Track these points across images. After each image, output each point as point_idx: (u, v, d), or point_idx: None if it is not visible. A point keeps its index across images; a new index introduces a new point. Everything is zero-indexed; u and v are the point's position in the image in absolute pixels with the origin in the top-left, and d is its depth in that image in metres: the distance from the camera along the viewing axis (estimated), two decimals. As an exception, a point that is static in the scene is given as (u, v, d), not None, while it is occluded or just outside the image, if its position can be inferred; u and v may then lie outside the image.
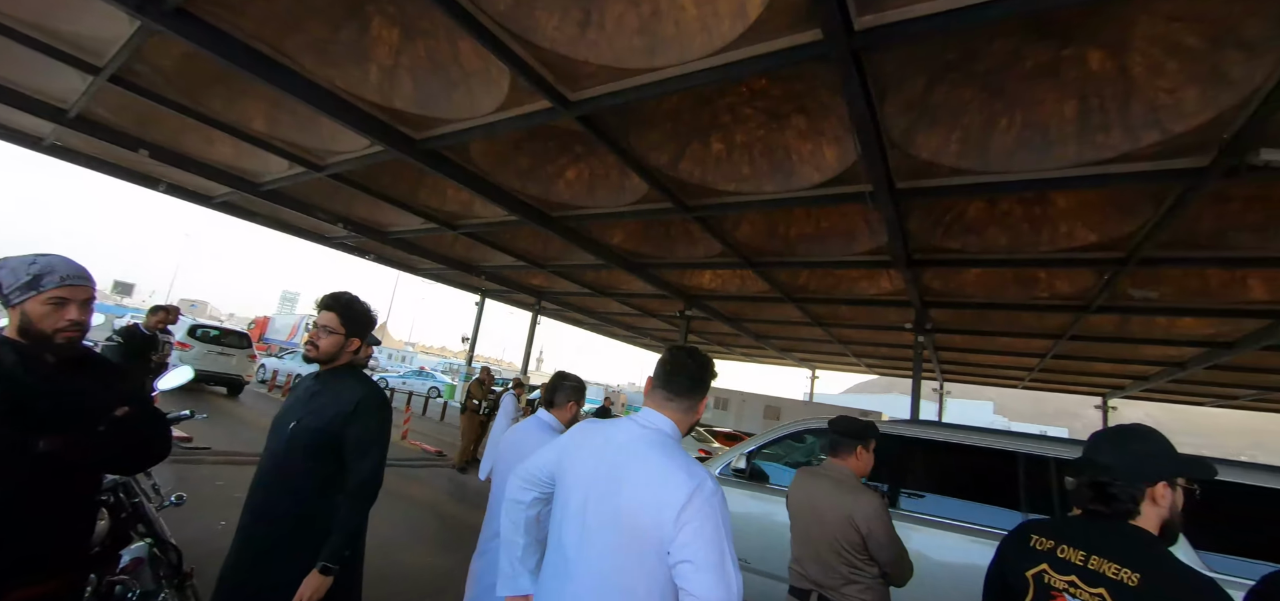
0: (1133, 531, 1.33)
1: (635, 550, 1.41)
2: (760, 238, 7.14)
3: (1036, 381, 16.53)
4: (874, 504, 2.19)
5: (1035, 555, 1.40)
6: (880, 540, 2.16)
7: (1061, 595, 1.32)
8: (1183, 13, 2.91)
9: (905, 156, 4.31)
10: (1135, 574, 1.23)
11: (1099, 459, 1.40)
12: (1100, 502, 1.37)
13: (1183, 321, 8.10)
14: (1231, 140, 3.55)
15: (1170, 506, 1.36)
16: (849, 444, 2.41)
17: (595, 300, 13.83)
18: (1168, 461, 1.37)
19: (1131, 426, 1.44)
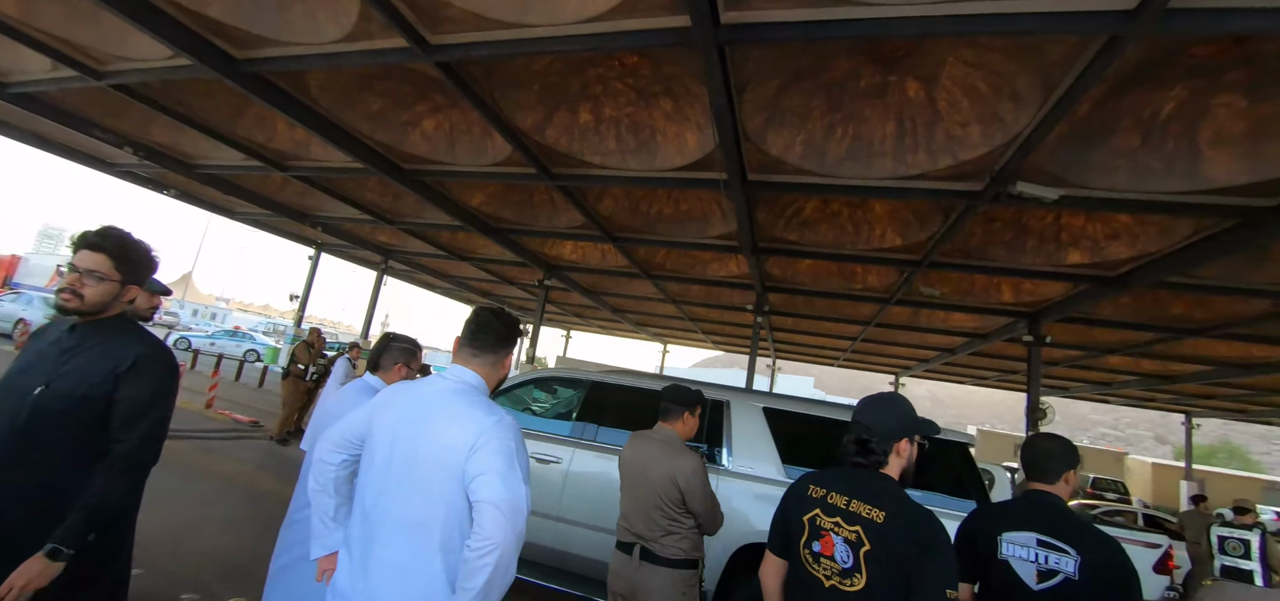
0: (882, 478, 1.63)
1: (435, 486, 1.51)
2: (623, 213, 7.28)
3: (849, 360, 19.12)
4: (693, 463, 2.44)
5: (811, 502, 1.66)
6: (696, 495, 2.41)
7: (829, 533, 1.57)
8: (977, 62, 3.50)
9: (758, 151, 4.67)
10: (881, 512, 1.51)
11: (863, 420, 1.69)
12: (862, 456, 1.66)
13: (956, 316, 9.89)
14: (999, 172, 4.38)
15: (908, 457, 1.70)
16: (677, 410, 2.63)
17: (450, 263, 13.06)
18: (910, 422, 1.70)
19: (886, 394, 1.76)
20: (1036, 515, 1.90)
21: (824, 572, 1.56)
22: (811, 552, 1.60)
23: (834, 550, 1.55)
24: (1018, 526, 1.89)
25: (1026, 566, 1.82)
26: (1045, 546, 1.81)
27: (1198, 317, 7.84)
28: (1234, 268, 5.83)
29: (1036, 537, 1.83)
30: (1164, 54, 3.18)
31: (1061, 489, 1.98)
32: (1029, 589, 1.80)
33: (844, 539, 1.54)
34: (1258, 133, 3.59)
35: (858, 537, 1.52)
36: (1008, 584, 1.84)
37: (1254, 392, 12.88)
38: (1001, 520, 1.94)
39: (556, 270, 11.27)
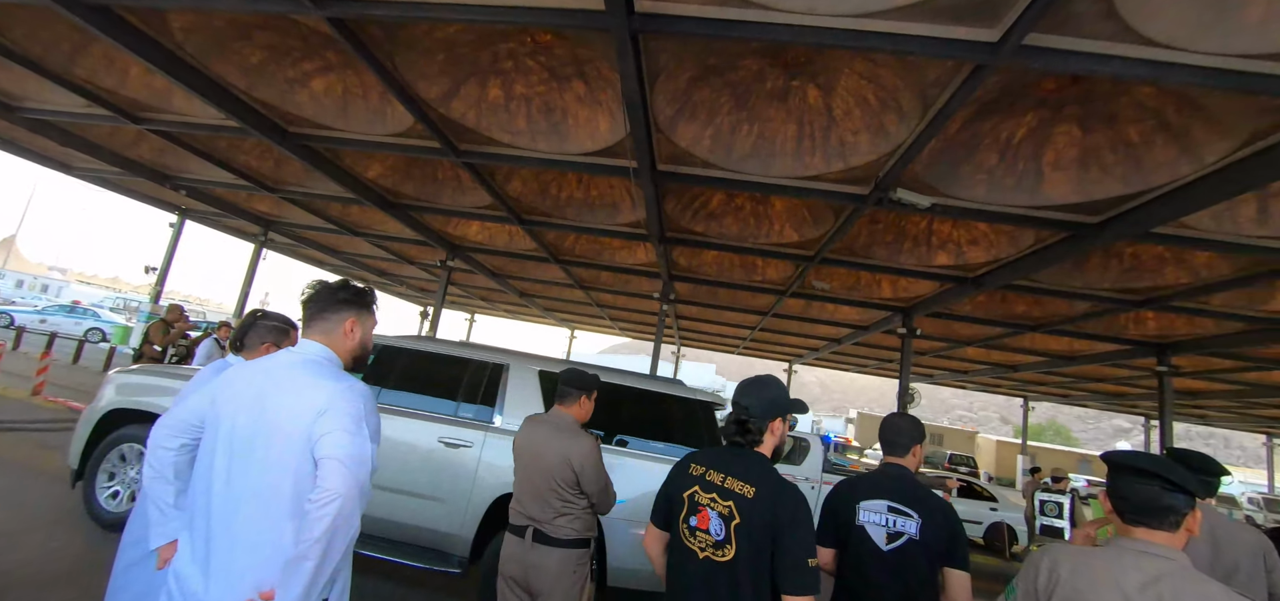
0: (756, 457, 1.74)
1: (283, 455, 1.49)
2: (532, 196, 7.13)
3: (749, 349, 20.12)
4: (588, 445, 2.50)
5: (691, 479, 1.77)
6: (590, 477, 2.47)
7: (705, 509, 1.68)
8: (869, 75, 3.79)
9: (668, 141, 4.76)
10: (752, 488, 1.62)
11: (743, 401, 1.79)
12: (741, 435, 1.76)
13: (842, 309, 10.72)
14: (882, 179, 4.79)
15: (780, 435, 1.84)
16: (574, 393, 2.66)
17: (342, 239, 12.09)
18: (783, 403, 1.82)
19: (762, 376, 1.87)
20: (888, 485, 2.15)
21: (699, 545, 1.66)
22: (689, 527, 1.71)
23: (709, 524, 1.65)
24: (873, 495, 2.14)
25: (878, 530, 2.07)
26: (894, 511, 2.07)
27: (1035, 315, 9.08)
28: (1063, 274, 6.81)
29: (887, 504, 2.09)
30: (1018, 86, 3.63)
31: (910, 461, 2.25)
32: (880, 549, 2.05)
33: (718, 513, 1.64)
34: (1086, 159, 4.20)
35: (730, 512, 1.62)
36: (863, 546, 2.09)
37: (1076, 380, 15.17)
38: (860, 490, 2.18)
39: (461, 251, 10.83)
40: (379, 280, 18.05)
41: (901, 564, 2.02)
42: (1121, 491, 1.39)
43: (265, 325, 2.53)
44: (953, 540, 2.01)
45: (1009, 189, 4.66)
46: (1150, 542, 1.32)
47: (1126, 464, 1.40)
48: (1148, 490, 1.33)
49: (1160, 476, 1.33)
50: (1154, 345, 9.52)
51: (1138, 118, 3.75)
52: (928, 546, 2.01)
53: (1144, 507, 1.34)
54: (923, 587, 2.01)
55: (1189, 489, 1.32)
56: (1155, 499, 1.32)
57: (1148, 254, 6.04)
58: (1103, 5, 2.63)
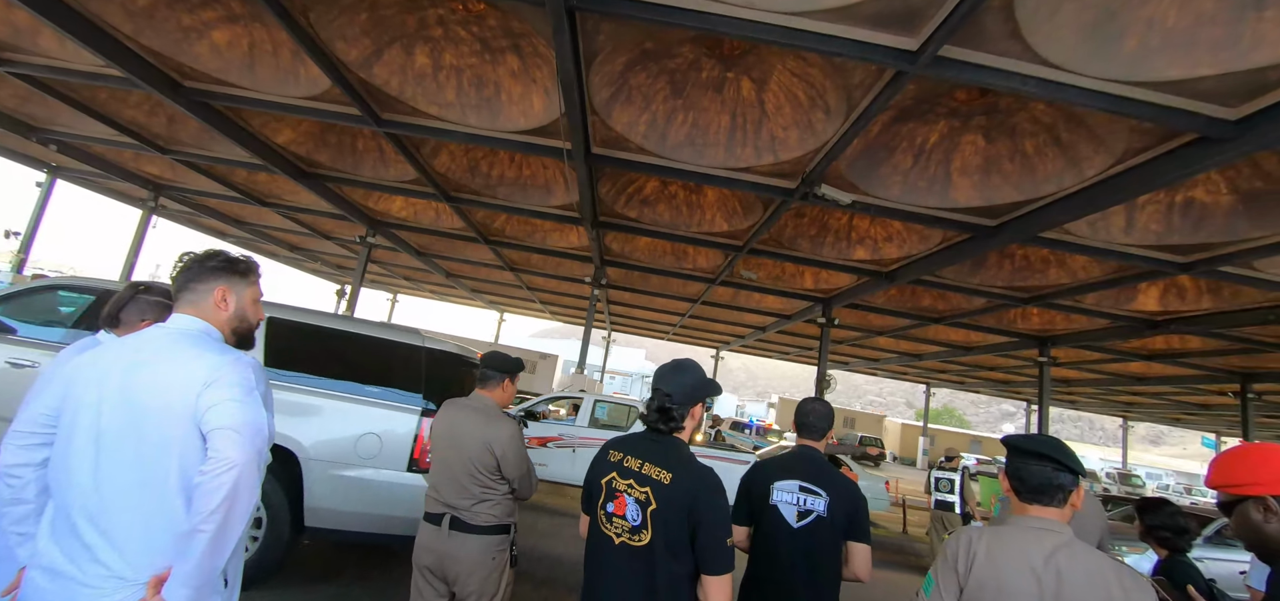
0: (674, 443, 1.73)
1: (164, 434, 1.38)
2: (461, 172, 6.86)
3: (678, 335, 20.48)
4: (510, 430, 2.45)
5: (609, 465, 1.76)
6: (512, 462, 2.42)
7: (622, 495, 1.68)
8: (800, 73, 3.91)
9: (603, 125, 4.71)
10: (669, 473, 1.63)
11: (664, 387, 1.77)
12: (663, 422, 1.74)
13: (768, 298, 11.12)
14: (808, 174, 4.98)
15: (700, 418, 1.83)
16: (496, 377, 2.60)
17: (247, 208, 11.08)
18: (703, 386, 1.82)
19: (682, 360, 1.85)
20: (801, 466, 2.25)
21: (615, 531, 1.67)
22: (605, 513, 1.71)
23: (625, 510, 1.66)
24: (786, 475, 2.24)
25: (790, 508, 2.18)
26: (805, 491, 2.19)
27: (939, 309, 9.83)
28: (964, 271, 7.40)
29: (799, 484, 2.20)
30: (933, 95, 3.87)
31: (821, 444, 2.38)
32: (790, 526, 2.17)
33: (635, 499, 1.64)
34: (988, 167, 4.56)
35: (647, 497, 1.62)
36: (775, 524, 2.19)
37: (971, 368, 16.60)
38: (775, 471, 2.27)
39: (383, 227, 10.25)
40: (291, 255, 16.80)
41: (810, 540, 2.14)
42: (1020, 473, 1.49)
43: (146, 300, 2.12)
44: (856, 515, 2.16)
45: (921, 190, 4.98)
46: (1044, 519, 1.44)
47: (1024, 447, 1.52)
48: (1042, 471, 1.45)
49: (1053, 458, 1.45)
50: (1037, 338, 10.56)
51: (1034, 132, 4.12)
52: (834, 522, 2.14)
53: (1039, 487, 1.45)
54: (828, 560, 2.14)
55: (1076, 468, 1.45)
56: (1049, 479, 1.44)
57: (1036, 256, 6.68)
58: (1009, 26, 2.85)
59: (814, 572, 2.13)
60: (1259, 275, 5.64)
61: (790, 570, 2.14)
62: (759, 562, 2.24)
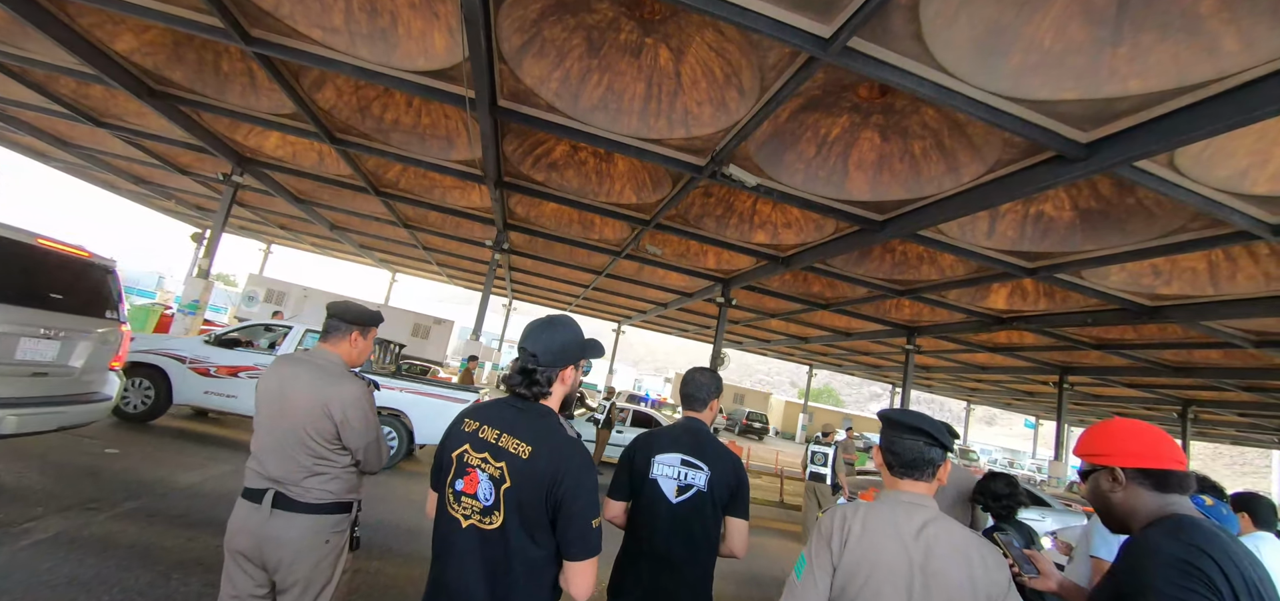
0: (539, 410, 1.53)
1: None
2: (349, 112, 6.18)
3: (581, 306, 20.32)
4: (355, 391, 2.11)
5: (462, 437, 1.55)
6: (356, 428, 2.09)
7: (475, 470, 1.48)
8: (717, 48, 3.87)
9: (512, 76, 4.41)
10: (528, 446, 1.44)
11: (529, 345, 1.55)
12: (526, 387, 1.53)
13: (672, 275, 11.29)
14: (718, 153, 5.02)
15: (572, 384, 1.63)
16: (344, 329, 2.24)
17: (78, 128, 9.29)
18: (577, 347, 1.60)
19: (555, 316, 1.61)
20: (685, 438, 2.16)
21: (464, 511, 1.48)
22: (454, 491, 1.51)
23: (477, 487, 1.47)
24: (669, 449, 2.13)
25: (670, 483, 2.09)
26: (686, 464, 2.10)
27: (827, 296, 10.51)
28: (851, 262, 7.93)
29: (681, 457, 2.11)
30: (838, 88, 4.01)
31: (707, 415, 2.28)
32: (669, 501, 2.07)
33: (489, 476, 1.46)
34: (881, 164, 4.85)
35: (501, 474, 1.44)
36: (654, 499, 2.09)
37: (849, 352, 18.06)
38: (658, 443, 2.17)
39: (253, 166, 9.07)
40: (137, 190, 14.44)
41: (688, 515, 2.06)
42: (893, 447, 1.51)
43: None
44: (737, 490, 2.12)
45: (821, 180, 5.20)
46: (914, 493, 1.47)
47: (899, 420, 1.54)
48: (914, 445, 1.48)
49: (925, 432, 1.49)
50: (906, 328, 11.66)
51: (922, 135, 4.41)
52: (714, 498, 2.07)
53: (911, 462, 1.49)
54: (705, 536, 2.07)
55: (945, 443, 1.50)
56: (920, 453, 1.48)
57: (912, 252, 7.29)
58: (913, 27, 2.98)
59: (691, 549, 2.05)
60: (1084, 283, 6.55)
61: (666, 547, 2.05)
62: (635, 538, 2.12)
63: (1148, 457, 1.30)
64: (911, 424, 1.52)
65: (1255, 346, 7.67)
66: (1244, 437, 20.34)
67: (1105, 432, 1.39)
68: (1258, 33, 2.70)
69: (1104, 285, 6.58)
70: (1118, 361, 10.89)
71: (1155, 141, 3.31)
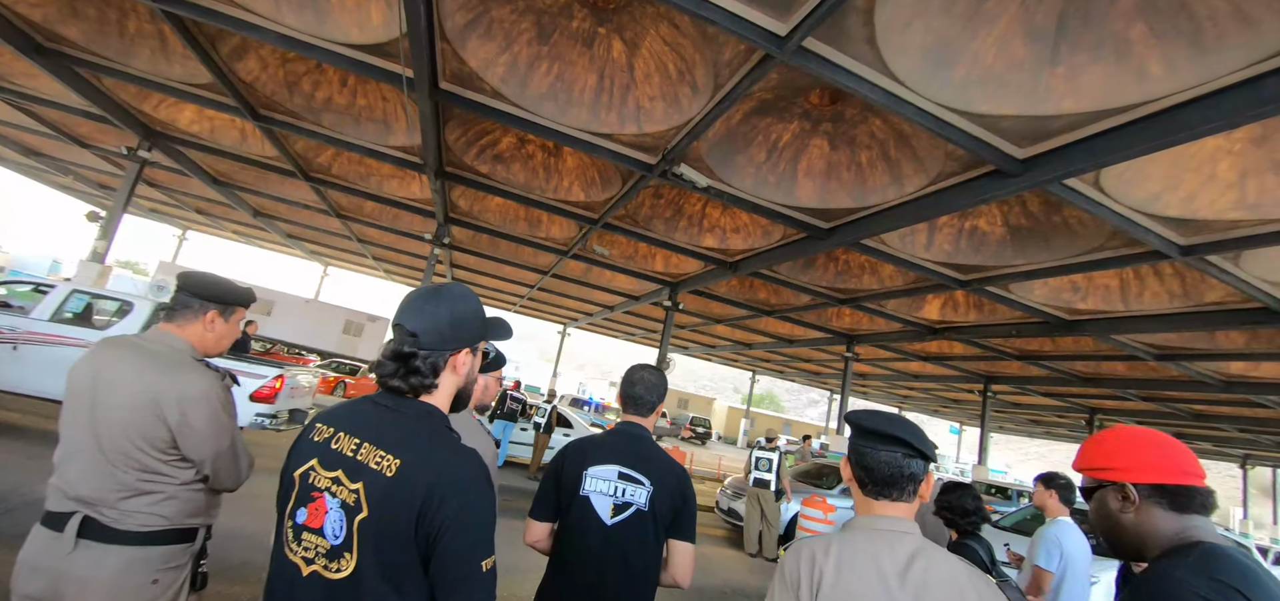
0: (420, 410, 1.17)
1: None
2: (275, 87, 5.70)
3: (524, 307, 19.86)
4: (202, 386, 1.66)
5: (310, 448, 1.16)
6: (200, 432, 1.63)
7: (322, 496, 1.10)
8: (672, 42, 3.77)
9: (455, 56, 4.16)
10: (395, 460, 1.07)
11: (405, 322, 1.19)
12: (401, 377, 1.17)
13: (619, 277, 11.15)
14: (669, 151, 4.93)
15: (468, 373, 1.28)
16: (196, 307, 1.76)
17: (-55, 83, 8.20)
18: (476, 324, 1.27)
19: (447, 286, 1.26)
20: (623, 446, 1.86)
21: (305, 553, 1.09)
22: (295, 525, 1.12)
23: (324, 520, 1.08)
24: (604, 460, 1.83)
25: (604, 500, 1.78)
26: (625, 478, 1.80)
27: (772, 302, 10.66)
28: (797, 269, 8.05)
29: (618, 470, 1.81)
30: (791, 92, 4.00)
31: (650, 421, 1.97)
32: (603, 523, 1.76)
33: (340, 503, 1.07)
34: (828, 173, 4.89)
35: (357, 500, 1.06)
36: (584, 519, 1.77)
37: (791, 359, 18.49)
38: (591, 453, 1.86)
39: (164, 140, 8.26)
40: (28, 163, 12.94)
41: (625, 538, 1.75)
42: (866, 462, 1.26)
43: None
44: (683, 508, 1.82)
45: (770, 185, 5.21)
46: (895, 519, 1.22)
47: (872, 427, 1.27)
48: (892, 458, 1.24)
49: (903, 441, 1.24)
50: (846, 336, 12.00)
51: (869, 145, 4.48)
52: (656, 516, 1.77)
53: (889, 479, 1.23)
54: (645, 563, 1.76)
55: (928, 453, 1.26)
56: (899, 468, 1.23)
57: (855, 261, 7.46)
58: (868, 30, 2.98)
59: (627, 578, 1.75)
60: (1011, 296, 6.89)
61: (598, 576, 1.74)
62: (561, 567, 1.79)
63: (1163, 471, 1.09)
64: (886, 431, 1.26)
65: (1156, 359, 8.32)
66: (1139, 444, 22.19)
67: (1112, 441, 1.18)
68: (1180, 60, 2.85)
69: (1028, 299, 6.94)
70: (1036, 371, 11.60)
71: (1084, 160, 3.46)
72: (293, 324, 18.80)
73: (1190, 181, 3.93)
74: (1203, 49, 2.76)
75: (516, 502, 8.41)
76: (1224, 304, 5.77)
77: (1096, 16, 2.78)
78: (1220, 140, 3.55)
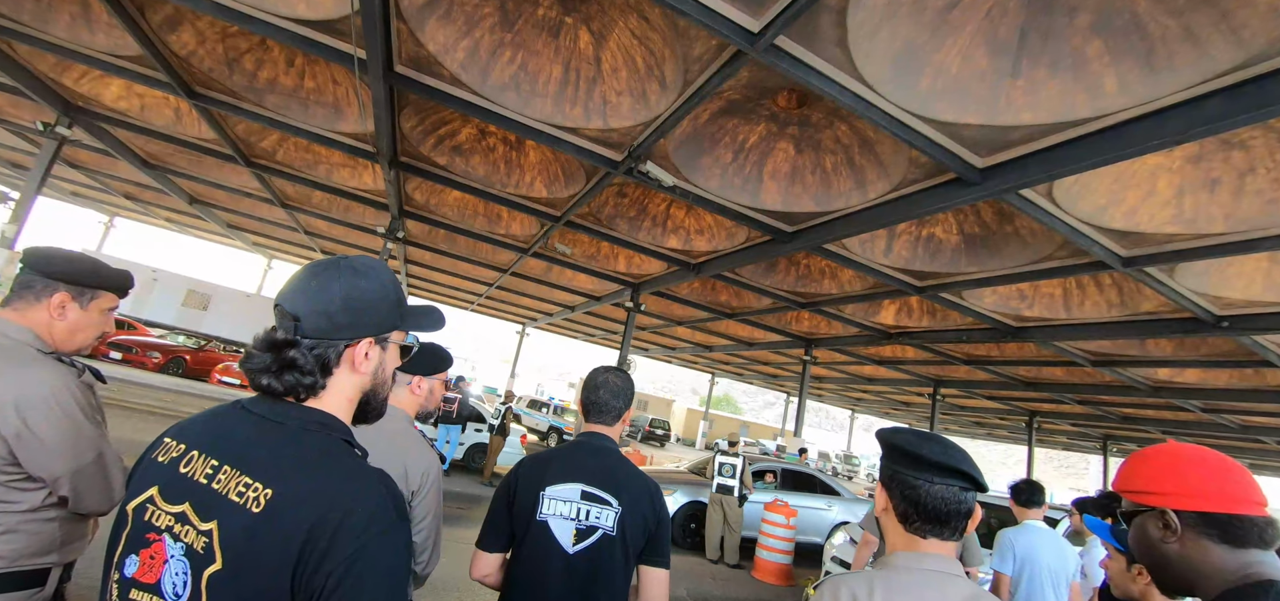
0: (299, 419, 0.88)
1: None
2: (214, 62, 5.30)
3: (482, 306, 19.41)
4: (47, 384, 1.34)
5: (153, 470, 0.87)
6: (48, 443, 1.32)
7: (160, 539, 0.81)
8: (641, 35, 3.68)
9: (412, 39, 3.94)
10: (269, 488, 0.79)
11: (287, 305, 0.91)
12: (274, 373, 0.88)
13: (581, 276, 10.99)
14: (635, 148, 4.83)
15: (376, 371, 0.98)
16: (41, 287, 1.43)
17: None
18: (387, 308, 0.98)
19: (348, 258, 0.98)
20: (587, 462, 1.64)
21: None
22: (121, 578, 0.83)
23: (161, 573, 0.80)
24: (564, 477, 1.61)
25: (565, 525, 1.56)
26: (589, 498, 1.58)
27: (733, 305, 10.72)
28: (759, 272, 8.09)
29: (581, 489, 1.59)
30: (759, 93, 3.97)
31: (616, 430, 1.76)
32: (564, 551, 1.54)
33: (186, 549, 0.79)
34: (794, 176, 4.90)
35: (207, 546, 0.77)
36: (542, 549, 1.55)
37: (750, 362, 18.69)
38: (550, 471, 1.63)
39: (86, 117, 7.61)
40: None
41: (590, 569, 1.54)
42: (918, 497, 1.10)
43: None
44: (657, 531, 1.61)
45: (736, 187, 5.18)
46: (944, 558, 1.09)
47: (924, 456, 1.10)
48: (949, 493, 1.09)
49: (964, 473, 1.09)
50: (804, 339, 12.19)
51: (835, 150, 4.50)
52: (626, 542, 1.56)
53: (943, 517, 1.09)
54: (613, 597, 1.55)
55: (983, 485, 1.12)
56: (957, 504, 1.09)
57: (816, 265, 7.56)
58: (839, 32, 2.95)
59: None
60: (963, 303, 7.11)
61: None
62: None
63: (1211, 497, 0.95)
64: (944, 462, 1.09)
65: (1092, 365, 8.77)
66: (1073, 444, 23.53)
67: (1157, 461, 1.03)
68: (1132, 78, 2.94)
69: (979, 306, 7.17)
70: (982, 376, 12.08)
71: (1040, 171, 3.55)
72: (231, 320, 17.78)
73: (1132, 196, 4.10)
74: (1154, 69, 2.85)
75: (467, 510, 8.14)
76: (1157, 313, 6.10)
77: (1056, 32, 2.84)
78: (1161, 157, 3.72)
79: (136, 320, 16.46)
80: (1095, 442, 20.42)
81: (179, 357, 14.65)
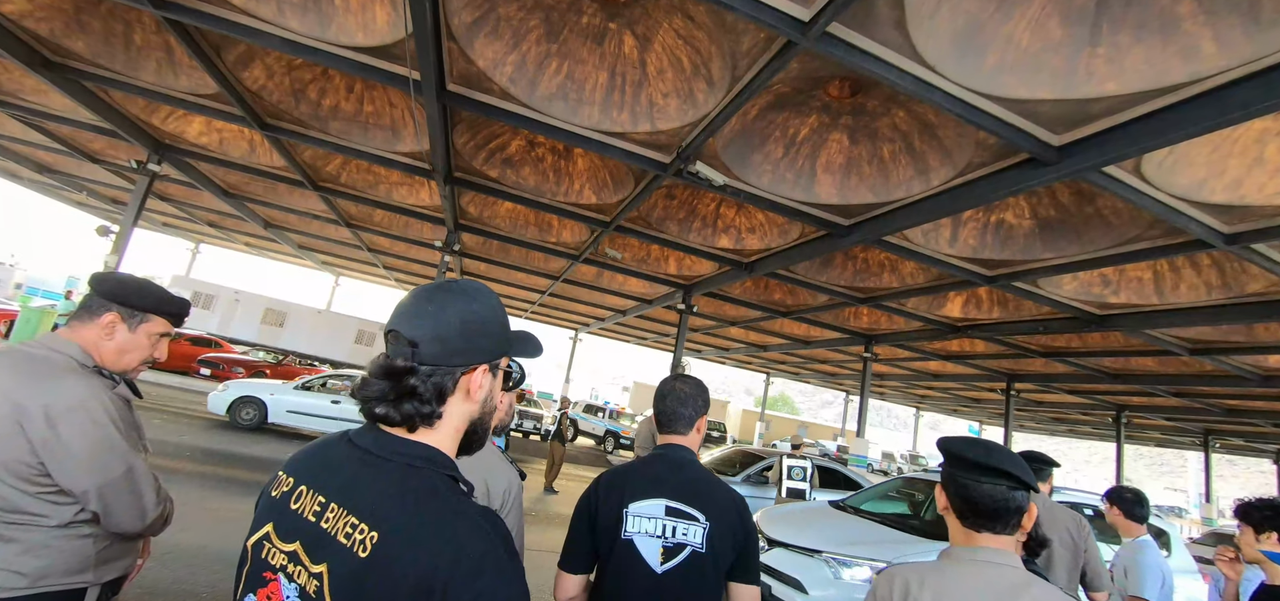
0: (406, 453, 0.83)
1: None
2: (282, 95, 5.63)
3: (536, 313, 19.78)
4: (76, 394, 1.33)
5: (269, 506, 0.86)
6: (76, 453, 1.30)
7: (276, 579, 0.80)
8: (686, 34, 3.63)
9: (462, 56, 4.04)
10: (374, 533, 0.75)
11: (402, 328, 0.86)
12: (392, 403, 0.84)
13: (632, 281, 11.01)
14: (684, 149, 4.78)
15: (485, 400, 0.93)
16: (96, 307, 1.47)
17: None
18: (499, 331, 0.94)
19: (457, 282, 0.93)
20: (669, 476, 1.57)
21: None
22: None
23: None
24: (647, 493, 1.53)
25: (652, 543, 1.48)
26: (674, 514, 1.51)
27: (788, 303, 10.46)
28: (814, 269, 7.85)
29: (665, 505, 1.52)
30: (809, 85, 3.83)
31: (694, 438, 1.68)
32: (653, 571, 1.46)
33: (299, 590, 0.77)
34: (849, 167, 4.71)
35: (319, 590, 0.76)
36: (629, 567, 1.48)
37: (806, 361, 18.22)
38: (631, 486, 1.56)
39: (173, 154, 8.26)
40: (42, 180, 13.08)
41: (680, 587, 1.46)
42: (969, 495, 1.21)
43: None
44: (746, 546, 1.53)
45: (788, 183, 5.04)
46: (999, 551, 1.18)
47: (973, 459, 1.22)
48: (996, 490, 1.19)
49: (1007, 473, 1.19)
50: (864, 335, 11.75)
51: (892, 138, 4.30)
52: (716, 557, 1.48)
53: (992, 513, 1.19)
54: None
55: (1032, 484, 1.21)
56: (1005, 502, 1.18)
57: (875, 259, 7.26)
58: (897, 13, 2.81)
59: None
60: (1039, 292, 6.65)
61: None
62: None
63: None
64: (988, 463, 1.20)
65: (1190, 353, 8.02)
66: (1168, 440, 21.65)
67: None
68: (1233, 35, 2.65)
69: (1057, 294, 6.69)
70: (1061, 368, 11.29)
71: (1127, 145, 3.26)
72: (305, 335, 18.88)
73: (1235, 167, 3.71)
74: (1260, 23, 2.57)
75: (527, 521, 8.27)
76: (1267, 294, 5.51)
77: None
78: (1270, 121, 3.34)
79: (222, 338, 17.72)
80: (1195, 438, 18.70)
81: (260, 371, 15.66)
